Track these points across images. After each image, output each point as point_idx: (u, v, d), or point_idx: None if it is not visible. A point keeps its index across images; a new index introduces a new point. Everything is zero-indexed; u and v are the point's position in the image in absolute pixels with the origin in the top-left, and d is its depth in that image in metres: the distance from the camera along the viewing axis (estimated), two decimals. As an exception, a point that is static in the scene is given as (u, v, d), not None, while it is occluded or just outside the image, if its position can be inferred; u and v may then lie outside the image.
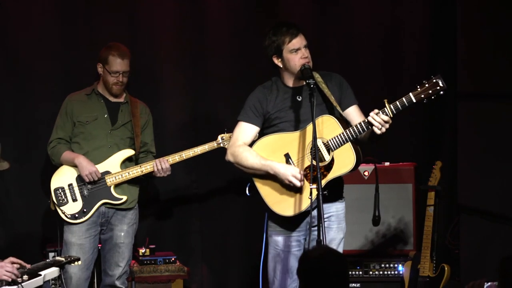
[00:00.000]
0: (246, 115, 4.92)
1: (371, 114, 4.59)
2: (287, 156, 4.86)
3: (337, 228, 4.85)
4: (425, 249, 5.91)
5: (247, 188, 4.99)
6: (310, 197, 4.56)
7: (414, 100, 4.56)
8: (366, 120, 4.61)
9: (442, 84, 4.55)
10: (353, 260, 6.14)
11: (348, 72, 6.30)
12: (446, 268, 5.91)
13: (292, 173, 4.77)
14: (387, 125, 4.59)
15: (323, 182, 4.64)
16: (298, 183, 4.73)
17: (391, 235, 6.19)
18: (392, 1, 6.72)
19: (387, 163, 6.29)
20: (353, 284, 6.15)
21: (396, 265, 6.17)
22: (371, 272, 6.18)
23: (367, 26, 6.70)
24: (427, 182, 6.02)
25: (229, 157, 4.96)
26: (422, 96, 4.55)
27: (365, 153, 5.97)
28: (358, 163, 4.77)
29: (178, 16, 6.54)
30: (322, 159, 4.74)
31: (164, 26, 6.52)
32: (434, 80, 4.55)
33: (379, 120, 4.57)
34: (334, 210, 4.83)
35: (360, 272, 6.17)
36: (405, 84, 6.39)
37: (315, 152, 4.56)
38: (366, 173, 6.20)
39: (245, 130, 4.95)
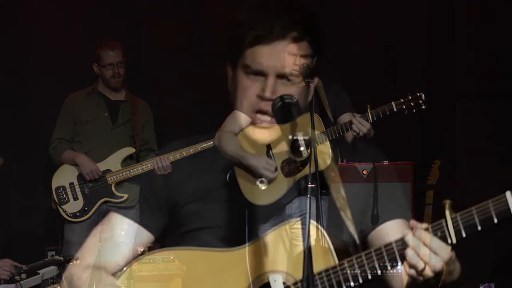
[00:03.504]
0: None
1: (355, 115, 4.86)
2: (268, 147, 4.98)
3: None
4: (424, 248, 5.90)
5: (227, 175, 5.15)
6: (308, 196, 4.65)
7: (395, 110, 4.83)
8: (348, 122, 4.84)
9: (425, 98, 4.80)
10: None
11: (346, 72, 6.34)
12: (444, 267, 5.90)
13: (263, 165, 4.90)
14: (364, 130, 4.83)
15: (298, 176, 4.83)
16: (270, 175, 4.89)
17: (390, 234, 6.19)
18: (391, 1, 6.74)
19: (385, 162, 6.30)
20: (351, 283, 6.14)
21: (394, 264, 6.17)
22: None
23: (367, 26, 6.71)
24: (426, 181, 6.03)
25: (215, 140, 5.18)
26: (404, 107, 4.82)
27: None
28: (334, 162, 4.92)
29: (179, 15, 6.56)
30: (300, 154, 4.93)
31: (164, 26, 6.54)
32: (418, 94, 4.80)
33: (358, 124, 4.82)
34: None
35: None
36: (405, 83, 6.41)
37: (315, 155, 4.61)
38: (364, 172, 6.21)
39: (236, 118, 5.15)
